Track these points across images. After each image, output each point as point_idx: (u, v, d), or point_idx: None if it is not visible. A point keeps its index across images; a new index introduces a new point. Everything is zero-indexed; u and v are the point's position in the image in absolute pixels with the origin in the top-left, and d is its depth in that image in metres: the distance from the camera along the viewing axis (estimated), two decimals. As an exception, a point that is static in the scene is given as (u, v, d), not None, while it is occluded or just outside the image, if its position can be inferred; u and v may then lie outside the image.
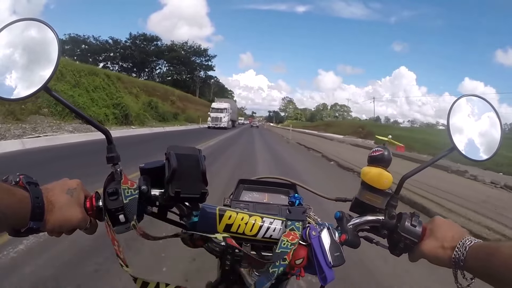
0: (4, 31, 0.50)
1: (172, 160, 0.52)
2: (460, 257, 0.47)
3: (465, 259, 0.47)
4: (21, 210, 0.43)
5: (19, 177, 0.46)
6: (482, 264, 0.45)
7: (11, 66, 0.49)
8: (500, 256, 0.42)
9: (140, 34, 60.66)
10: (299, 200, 0.62)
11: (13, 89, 0.49)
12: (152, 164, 0.57)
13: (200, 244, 0.61)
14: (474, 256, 0.46)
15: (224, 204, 0.69)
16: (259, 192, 0.80)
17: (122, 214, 0.50)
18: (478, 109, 0.60)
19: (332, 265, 0.51)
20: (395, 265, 2.47)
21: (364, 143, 21.12)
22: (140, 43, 59.99)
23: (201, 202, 0.54)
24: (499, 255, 0.42)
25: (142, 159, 0.68)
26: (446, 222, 0.55)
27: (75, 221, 0.49)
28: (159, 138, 13.18)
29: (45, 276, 1.97)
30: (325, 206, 1.25)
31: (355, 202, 0.62)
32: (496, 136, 0.59)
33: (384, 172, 0.59)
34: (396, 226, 0.57)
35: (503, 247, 0.42)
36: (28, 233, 0.46)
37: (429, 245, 0.52)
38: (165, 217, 0.58)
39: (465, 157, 0.58)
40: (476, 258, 0.46)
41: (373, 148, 0.64)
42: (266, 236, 0.54)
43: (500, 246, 0.43)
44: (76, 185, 0.52)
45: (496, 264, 0.42)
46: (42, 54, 0.50)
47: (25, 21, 0.51)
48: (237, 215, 0.53)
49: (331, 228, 0.56)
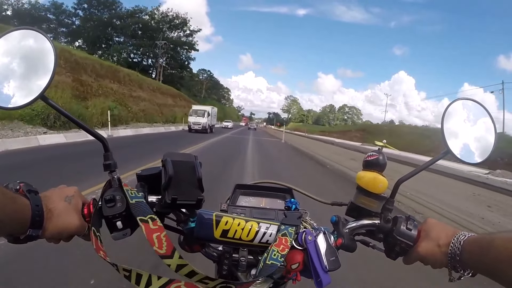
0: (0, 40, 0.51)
1: (169, 167, 0.53)
2: (455, 251, 0.48)
3: (460, 253, 0.47)
4: (21, 218, 0.43)
5: (19, 185, 0.47)
6: (477, 258, 0.45)
7: (8, 75, 0.50)
8: (494, 248, 0.42)
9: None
10: (295, 205, 0.62)
11: (11, 97, 0.49)
12: (148, 171, 0.57)
13: (198, 249, 0.61)
14: (469, 250, 0.47)
15: (221, 210, 0.69)
16: (256, 197, 0.80)
17: (119, 221, 0.51)
18: (473, 113, 0.60)
19: (328, 270, 0.51)
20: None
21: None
22: (93, 9, 42.54)
23: (198, 208, 0.55)
24: (493, 247, 0.42)
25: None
26: (439, 223, 0.55)
27: (73, 228, 0.50)
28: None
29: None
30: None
31: (350, 206, 0.63)
32: (490, 139, 0.59)
33: (379, 177, 0.60)
34: (392, 230, 0.57)
35: (497, 238, 0.43)
36: (27, 241, 0.46)
37: (425, 247, 0.53)
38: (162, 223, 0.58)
39: (459, 160, 0.59)
40: (471, 252, 0.46)
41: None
42: (263, 241, 0.54)
43: (494, 238, 0.44)
44: (74, 192, 0.52)
45: (491, 256, 0.42)
46: (38, 63, 0.51)
47: (21, 31, 0.52)
48: (234, 221, 0.53)
49: (327, 232, 0.56)
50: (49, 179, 4.61)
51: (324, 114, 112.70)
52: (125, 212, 0.51)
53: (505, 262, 0.40)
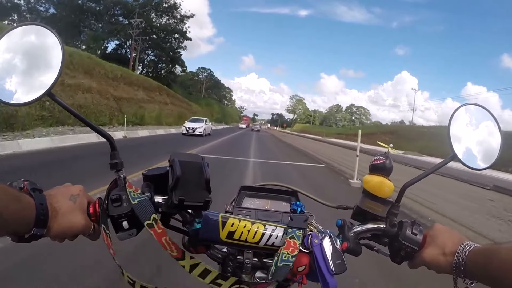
0: (7, 36, 0.50)
1: (176, 167, 0.52)
2: (460, 262, 0.48)
3: (465, 264, 0.47)
4: (26, 216, 0.43)
5: (23, 183, 0.46)
6: (482, 268, 0.45)
7: (15, 72, 0.50)
8: (499, 259, 0.42)
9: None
10: (301, 208, 0.62)
11: (17, 94, 0.49)
12: (155, 171, 0.57)
13: (202, 251, 0.61)
14: (474, 261, 0.47)
15: (226, 211, 0.69)
16: (261, 199, 0.80)
17: (125, 221, 0.51)
18: (479, 118, 0.60)
19: (334, 273, 0.51)
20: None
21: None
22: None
23: (205, 210, 0.55)
24: (498, 258, 0.43)
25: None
26: (445, 229, 0.55)
27: (78, 227, 0.49)
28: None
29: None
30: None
31: (356, 210, 0.63)
32: (496, 145, 0.59)
33: (386, 181, 0.60)
34: (397, 234, 0.57)
35: (502, 249, 0.43)
36: (31, 239, 0.46)
37: (430, 253, 0.53)
38: (168, 223, 0.58)
39: (465, 166, 0.59)
40: (476, 263, 0.47)
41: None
42: (269, 244, 0.54)
43: (499, 248, 0.44)
44: (79, 191, 0.52)
45: (495, 267, 0.43)
46: (45, 59, 0.51)
47: (28, 26, 0.52)
48: (240, 223, 0.53)
49: (333, 235, 0.56)
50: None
51: (331, 115, 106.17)
52: (131, 212, 0.51)
53: (509, 273, 0.40)
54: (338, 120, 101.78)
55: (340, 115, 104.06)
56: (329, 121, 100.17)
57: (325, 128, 71.13)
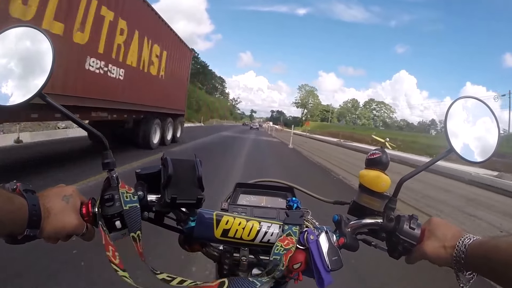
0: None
1: (168, 165, 0.52)
2: (460, 255, 0.48)
3: (465, 257, 0.47)
4: (18, 217, 0.43)
5: (16, 185, 0.46)
6: (482, 261, 0.45)
7: (6, 74, 0.49)
8: (498, 252, 0.42)
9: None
10: (297, 204, 0.62)
11: (9, 96, 0.49)
12: (148, 170, 0.57)
13: (198, 249, 0.61)
14: (474, 254, 0.47)
15: (222, 209, 0.69)
16: (257, 195, 0.80)
17: (118, 220, 0.50)
18: (476, 111, 0.60)
19: (330, 269, 0.50)
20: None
21: None
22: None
23: (198, 207, 0.54)
24: (498, 251, 0.43)
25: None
26: (443, 223, 0.55)
27: (71, 227, 0.49)
28: None
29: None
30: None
31: (353, 205, 0.62)
32: (493, 138, 0.59)
33: (382, 175, 0.59)
34: (395, 229, 0.57)
35: (502, 242, 0.43)
36: (24, 241, 0.45)
37: (430, 246, 0.53)
38: (162, 222, 0.58)
39: (463, 159, 0.58)
40: (476, 256, 0.47)
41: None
42: (264, 241, 0.54)
43: (499, 241, 0.44)
44: (72, 192, 0.52)
45: (495, 260, 0.43)
46: (36, 60, 0.50)
47: (19, 28, 0.51)
48: (235, 220, 0.53)
49: (329, 231, 0.55)
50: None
51: (347, 111, 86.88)
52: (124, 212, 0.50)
53: (510, 266, 0.40)
54: (355, 118, 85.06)
55: (359, 111, 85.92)
56: (345, 118, 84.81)
57: (335, 126, 55.03)
